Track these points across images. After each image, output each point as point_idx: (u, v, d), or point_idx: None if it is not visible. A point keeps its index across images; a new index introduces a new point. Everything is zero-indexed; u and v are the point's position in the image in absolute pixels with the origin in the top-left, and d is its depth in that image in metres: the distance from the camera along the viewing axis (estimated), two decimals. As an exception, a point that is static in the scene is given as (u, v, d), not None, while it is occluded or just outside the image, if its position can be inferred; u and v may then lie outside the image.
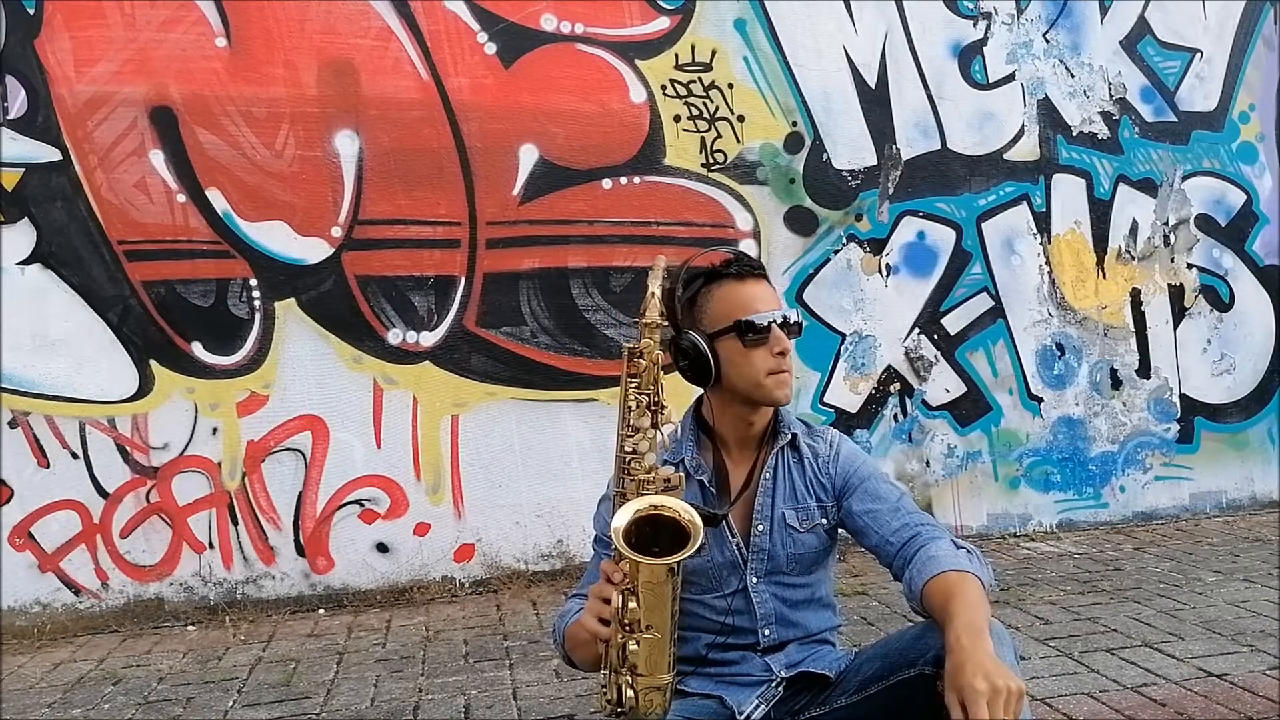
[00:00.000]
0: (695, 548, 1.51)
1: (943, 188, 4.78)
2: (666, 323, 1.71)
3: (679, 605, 1.62)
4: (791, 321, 1.77)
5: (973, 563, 1.64)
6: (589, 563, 1.90)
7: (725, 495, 1.80)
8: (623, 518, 1.53)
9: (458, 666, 3.25)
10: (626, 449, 1.62)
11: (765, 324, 1.73)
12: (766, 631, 1.79)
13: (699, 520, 1.52)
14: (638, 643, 1.55)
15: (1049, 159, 4.92)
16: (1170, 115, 5.09)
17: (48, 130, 3.87)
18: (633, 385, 1.65)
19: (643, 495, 1.58)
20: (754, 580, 1.79)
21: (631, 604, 1.53)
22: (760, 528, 1.80)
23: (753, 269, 1.80)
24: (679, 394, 1.87)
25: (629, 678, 1.57)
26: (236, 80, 4.02)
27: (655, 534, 1.55)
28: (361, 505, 4.14)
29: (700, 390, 1.86)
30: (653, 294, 1.67)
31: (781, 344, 1.74)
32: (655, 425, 1.63)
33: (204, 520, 4.01)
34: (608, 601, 1.56)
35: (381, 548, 4.16)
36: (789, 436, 1.85)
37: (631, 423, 1.63)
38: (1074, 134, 4.95)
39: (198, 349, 4.00)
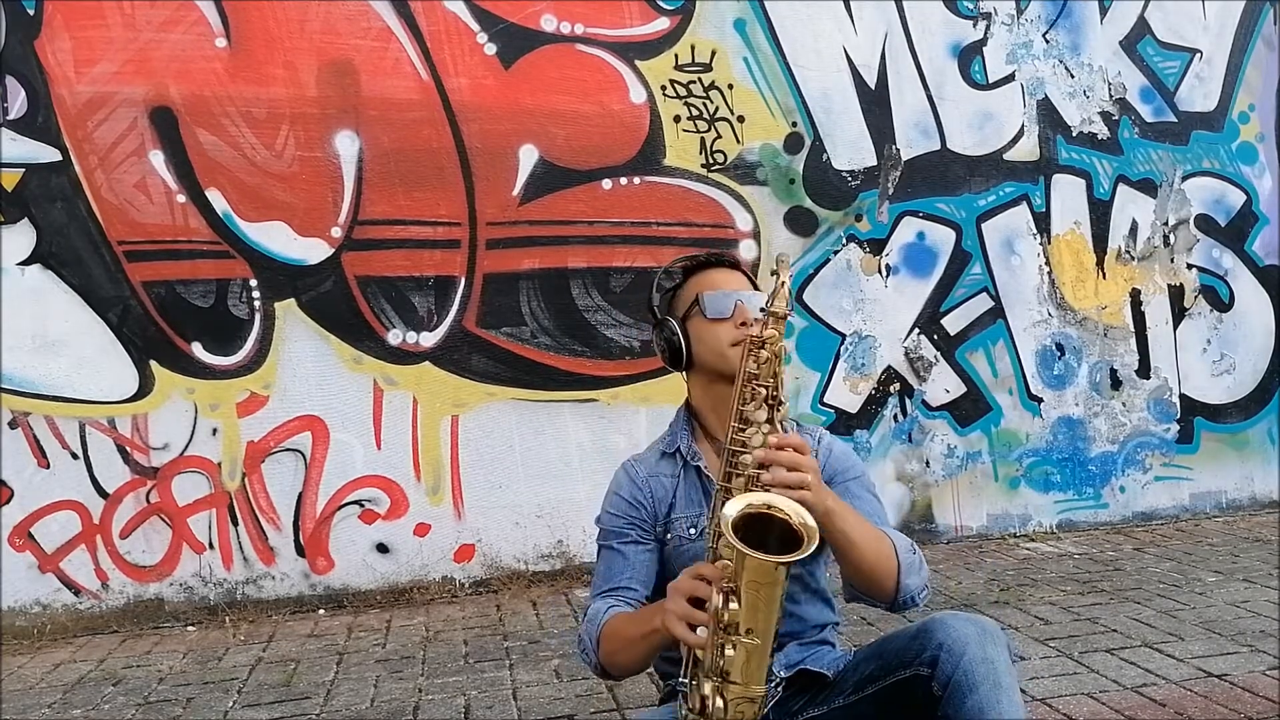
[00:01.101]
0: (810, 551, 1.41)
1: (942, 188, 4.79)
2: (790, 313, 1.64)
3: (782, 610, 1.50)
4: (756, 298, 1.77)
5: (908, 557, 1.68)
6: (601, 559, 1.84)
7: (713, 484, 1.80)
8: (734, 509, 1.43)
9: (458, 667, 3.25)
10: (737, 441, 1.56)
11: (724, 295, 1.79)
12: None
13: (813, 523, 1.44)
14: (734, 647, 1.42)
15: (1049, 159, 4.92)
16: (1170, 115, 5.10)
17: (48, 131, 3.87)
18: (753, 376, 1.59)
19: (753, 491, 1.49)
20: None
21: (733, 605, 1.40)
22: None
23: (720, 259, 1.91)
24: (673, 392, 1.89)
25: (719, 684, 1.45)
26: (236, 81, 4.02)
27: (759, 535, 1.44)
28: (361, 506, 4.15)
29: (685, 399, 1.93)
30: (783, 283, 1.60)
31: (744, 316, 1.77)
32: (771, 421, 1.56)
33: (204, 521, 4.01)
34: (700, 604, 1.44)
35: (381, 548, 4.16)
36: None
37: (746, 415, 1.57)
38: (1074, 134, 4.96)
39: (198, 349, 4.00)
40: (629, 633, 1.63)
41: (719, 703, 1.45)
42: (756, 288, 1.88)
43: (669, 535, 1.79)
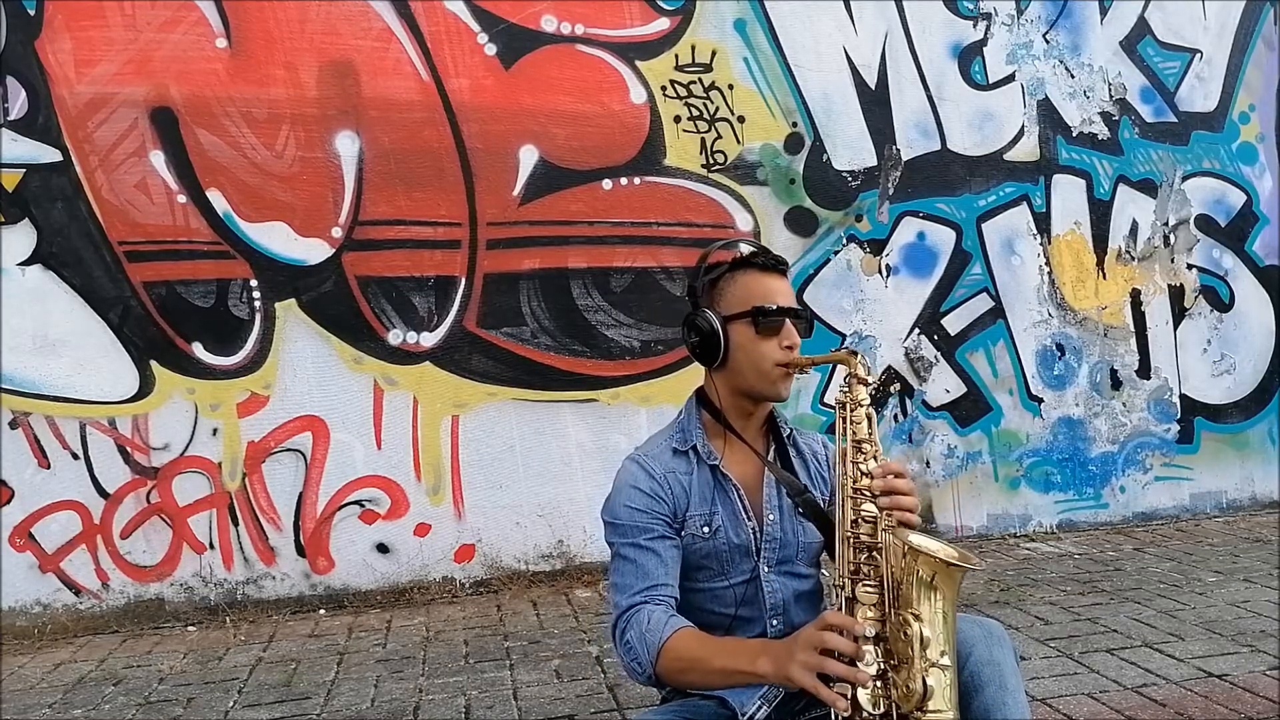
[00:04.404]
0: (975, 566, 1.45)
1: (943, 188, 4.79)
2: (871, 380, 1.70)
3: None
4: (804, 320, 1.81)
5: None
6: (626, 558, 1.74)
7: (730, 482, 1.80)
8: (925, 543, 1.45)
9: (458, 667, 3.25)
10: (858, 491, 1.58)
11: (780, 315, 1.76)
12: (774, 622, 1.78)
13: (971, 556, 1.47)
14: (936, 672, 1.40)
15: (1049, 159, 4.93)
16: (1170, 116, 5.10)
17: (48, 131, 3.87)
18: (859, 440, 1.62)
19: (912, 534, 1.48)
20: (765, 569, 1.79)
21: (925, 631, 1.41)
22: (771, 517, 1.80)
23: (777, 264, 1.84)
24: (674, 392, 1.88)
25: (920, 716, 1.40)
26: (237, 81, 4.02)
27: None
28: (362, 506, 4.15)
29: (691, 396, 1.90)
30: (860, 358, 1.70)
31: (791, 338, 1.77)
32: (875, 458, 1.62)
33: (204, 521, 4.01)
34: (849, 660, 1.42)
35: (382, 548, 4.16)
36: (788, 431, 1.88)
37: (860, 467, 1.60)
38: (1074, 134, 4.96)
39: (198, 349, 4.00)
40: (714, 663, 1.57)
41: None
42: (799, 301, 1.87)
43: (683, 533, 1.78)
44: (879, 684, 1.43)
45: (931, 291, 4.78)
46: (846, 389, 1.66)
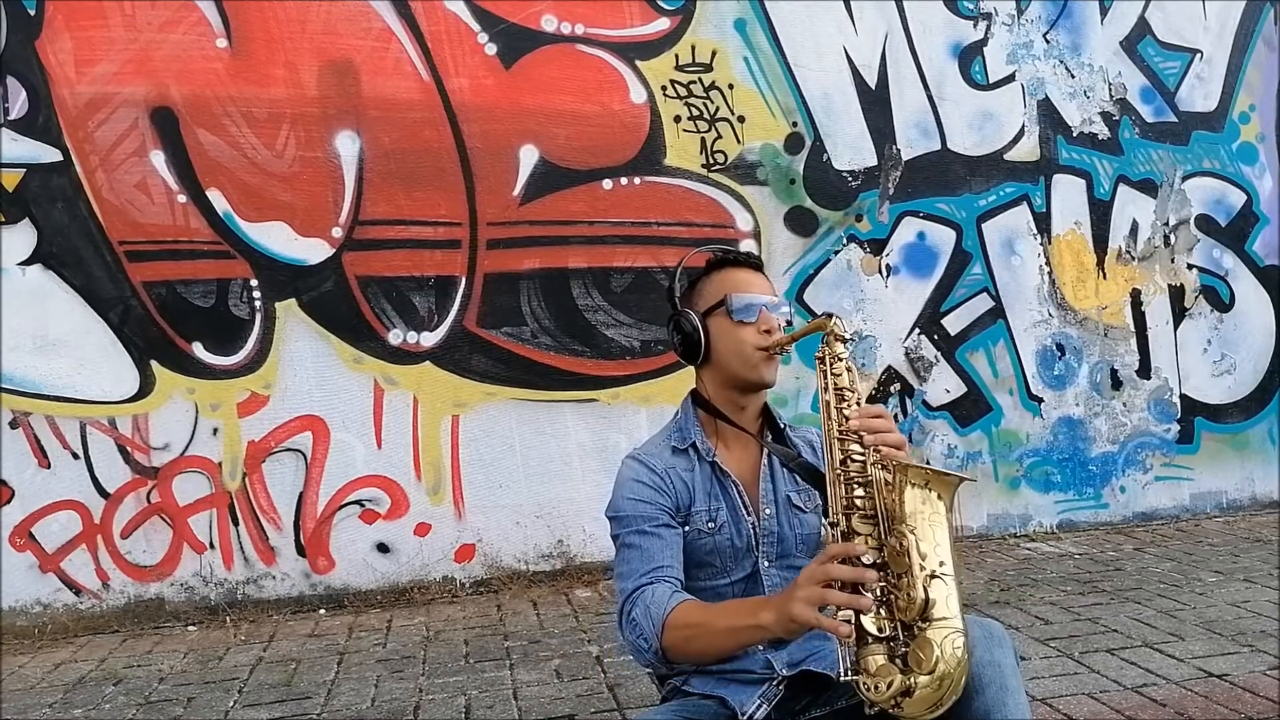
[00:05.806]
0: (967, 477, 1.48)
1: (943, 188, 4.79)
2: (850, 337, 1.72)
3: None
4: (780, 308, 1.83)
5: None
6: (630, 546, 1.74)
7: (729, 478, 1.81)
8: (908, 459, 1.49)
9: (458, 667, 3.25)
10: (846, 433, 1.58)
11: (753, 299, 1.80)
12: None
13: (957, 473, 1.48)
14: (938, 581, 1.38)
15: (1049, 159, 4.93)
16: (1170, 116, 5.10)
17: (48, 131, 3.87)
18: (842, 387, 1.64)
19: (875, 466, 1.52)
20: (765, 564, 1.80)
21: (914, 538, 1.40)
22: (767, 511, 1.81)
23: (748, 259, 1.89)
24: (673, 392, 1.88)
25: (924, 628, 1.38)
26: (237, 81, 4.02)
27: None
28: (362, 505, 4.15)
29: (687, 397, 1.92)
30: (835, 320, 1.70)
31: (769, 323, 1.80)
32: (858, 404, 1.63)
33: (204, 520, 4.01)
34: (845, 587, 1.42)
35: (382, 548, 4.16)
36: (782, 424, 1.91)
37: (845, 414, 1.61)
38: (1074, 134, 4.96)
39: (198, 349, 4.01)
40: (717, 624, 1.59)
41: (936, 651, 1.36)
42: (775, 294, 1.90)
43: (686, 528, 1.79)
44: (882, 611, 1.43)
45: (932, 291, 4.78)
46: (826, 345, 1.67)
